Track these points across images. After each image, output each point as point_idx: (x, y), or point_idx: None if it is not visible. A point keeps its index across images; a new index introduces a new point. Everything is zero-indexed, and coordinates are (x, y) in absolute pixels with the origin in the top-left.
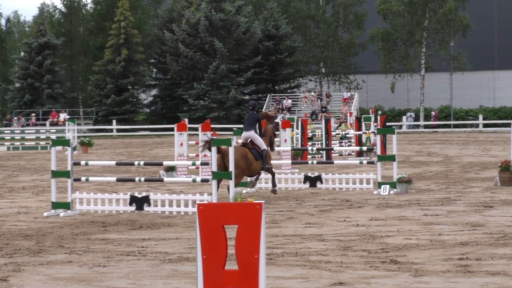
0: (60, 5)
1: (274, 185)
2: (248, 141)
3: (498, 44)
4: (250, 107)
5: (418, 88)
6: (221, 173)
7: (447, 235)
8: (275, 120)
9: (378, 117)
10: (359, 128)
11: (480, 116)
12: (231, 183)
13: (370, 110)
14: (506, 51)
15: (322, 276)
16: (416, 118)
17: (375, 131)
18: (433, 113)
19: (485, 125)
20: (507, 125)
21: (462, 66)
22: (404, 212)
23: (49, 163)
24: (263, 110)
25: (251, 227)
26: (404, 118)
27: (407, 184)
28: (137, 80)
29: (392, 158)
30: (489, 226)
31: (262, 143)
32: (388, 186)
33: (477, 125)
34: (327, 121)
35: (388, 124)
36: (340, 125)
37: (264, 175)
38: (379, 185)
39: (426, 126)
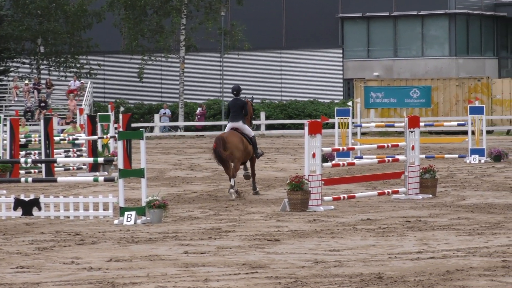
0: None
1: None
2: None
3: (287, 14)
4: (234, 92)
5: (177, 75)
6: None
7: (216, 280)
8: None
9: (120, 116)
10: (93, 131)
11: (262, 114)
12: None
13: (109, 106)
14: (298, 24)
15: None
16: (174, 117)
17: (116, 135)
18: (199, 109)
19: (269, 127)
20: (299, 126)
21: (238, 44)
22: (157, 250)
23: None
24: None
25: None
26: (156, 116)
27: (160, 210)
28: None
29: (139, 173)
30: (274, 267)
31: (250, 132)
32: (134, 213)
33: (258, 126)
34: (48, 121)
35: (134, 125)
36: (69, 126)
37: None
38: (121, 211)
39: (188, 128)
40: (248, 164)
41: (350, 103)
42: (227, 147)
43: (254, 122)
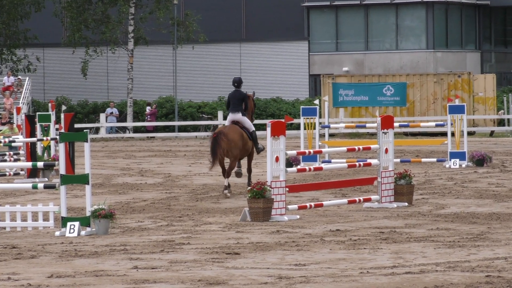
0: None
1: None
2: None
3: (247, 2)
4: (235, 83)
5: (125, 70)
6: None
7: None
8: None
9: (62, 115)
10: (31, 132)
11: (220, 114)
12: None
13: (49, 104)
14: (259, 14)
15: None
16: (122, 117)
17: (57, 137)
18: (148, 108)
19: None
20: (261, 127)
21: (192, 36)
22: (103, 264)
23: None
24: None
25: None
26: (102, 116)
27: (107, 220)
28: None
29: (83, 179)
30: (233, 283)
31: (251, 125)
32: (77, 224)
33: (215, 127)
34: None
35: (77, 126)
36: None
37: None
38: (63, 222)
39: (137, 129)
40: (244, 160)
41: (317, 102)
42: (227, 143)
43: (211, 122)
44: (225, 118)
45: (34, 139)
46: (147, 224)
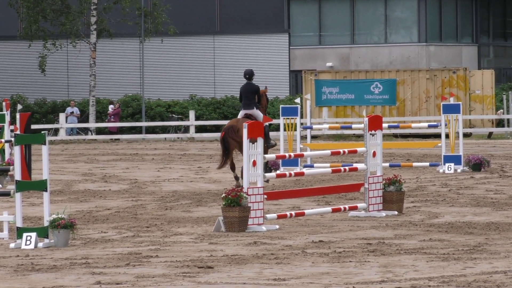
0: None
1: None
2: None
3: None
4: (247, 76)
5: (87, 66)
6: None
7: None
8: None
9: (18, 115)
10: None
11: (191, 113)
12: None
13: (4, 103)
14: (235, 4)
15: None
16: (84, 117)
17: (12, 139)
18: (111, 107)
19: (199, 129)
20: None
21: (161, 28)
22: (63, 279)
23: None
24: None
25: None
26: (62, 116)
27: (67, 231)
28: None
29: (41, 185)
30: None
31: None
32: (34, 235)
33: (186, 128)
34: None
35: (34, 127)
36: None
37: None
38: (19, 232)
39: (100, 131)
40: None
41: (298, 100)
42: (239, 136)
43: (181, 123)
44: (197, 118)
45: None
46: (111, 235)
